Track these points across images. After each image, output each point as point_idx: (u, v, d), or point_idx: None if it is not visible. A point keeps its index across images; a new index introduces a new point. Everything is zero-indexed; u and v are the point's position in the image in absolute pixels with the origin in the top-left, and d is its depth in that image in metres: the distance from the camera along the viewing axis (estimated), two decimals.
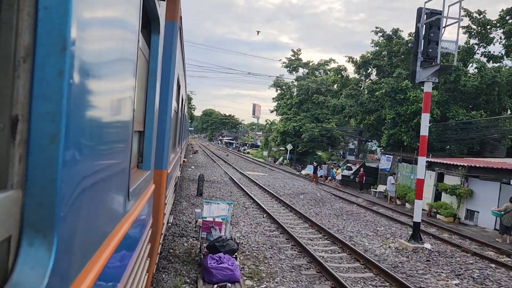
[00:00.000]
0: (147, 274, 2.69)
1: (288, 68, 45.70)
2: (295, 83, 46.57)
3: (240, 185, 17.60)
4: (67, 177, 0.88)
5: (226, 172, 23.94)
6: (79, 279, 1.01)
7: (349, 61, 28.99)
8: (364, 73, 28.62)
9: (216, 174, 22.65)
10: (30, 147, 0.81)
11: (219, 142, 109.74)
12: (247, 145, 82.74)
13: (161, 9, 2.57)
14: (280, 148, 47.99)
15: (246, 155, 60.22)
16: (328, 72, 42.07)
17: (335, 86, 35.95)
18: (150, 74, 2.53)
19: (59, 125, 0.84)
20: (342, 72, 30.76)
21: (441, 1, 9.52)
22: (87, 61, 0.96)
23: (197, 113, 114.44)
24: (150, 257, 2.94)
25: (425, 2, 10.12)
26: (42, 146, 0.82)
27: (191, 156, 41.09)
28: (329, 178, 24.54)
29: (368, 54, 26.74)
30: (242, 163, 37.02)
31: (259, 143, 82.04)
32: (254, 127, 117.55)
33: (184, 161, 21.89)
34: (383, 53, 25.76)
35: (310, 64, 44.25)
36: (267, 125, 73.69)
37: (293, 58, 44.83)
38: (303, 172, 31.23)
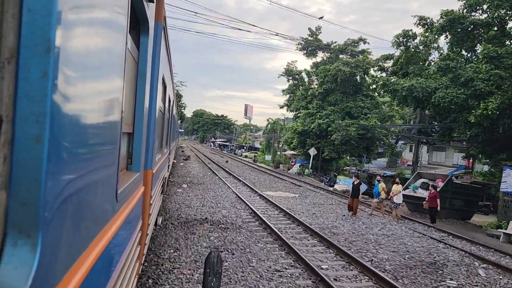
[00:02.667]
0: (135, 277, 2.77)
1: (305, 52, 33.97)
2: (315, 70, 40.36)
3: (291, 245, 9.04)
4: (52, 177, 0.91)
5: (238, 196, 16.43)
6: (65, 280, 1.04)
7: (419, 24, 22.03)
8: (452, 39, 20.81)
9: (223, 202, 14.86)
10: (14, 147, 0.84)
11: (212, 144, 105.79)
12: (245, 147, 78.16)
13: (150, 11, 2.67)
14: (295, 153, 42.68)
15: (246, 159, 55.19)
16: (359, 56, 35.99)
17: (388, 64, 27.35)
18: (139, 75, 2.62)
19: (44, 126, 0.86)
20: (410, 42, 19.41)
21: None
22: (73, 62, 1.01)
23: (188, 114, 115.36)
24: (138, 259, 2.95)
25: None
26: (26, 146, 0.85)
27: (181, 164, 34.57)
28: (378, 200, 15.59)
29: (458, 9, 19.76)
30: (249, 173, 31.08)
31: (256, 145, 78.56)
32: (248, 127, 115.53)
33: (174, 162, 21.16)
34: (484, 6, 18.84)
35: (332, 46, 33.45)
36: (269, 124, 68.17)
37: (310, 38, 34.07)
38: (337, 187, 26.34)
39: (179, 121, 39.87)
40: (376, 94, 33.59)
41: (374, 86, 30.72)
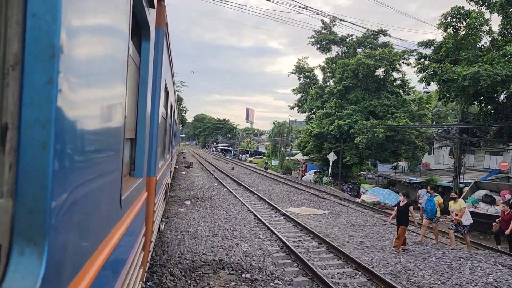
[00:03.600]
0: (140, 283, 2.87)
1: (318, 46, 38.09)
2: (331, 65, 36.76)
3: None
4: (58, 184, 0.94)
5: (256, 217, 13.11)
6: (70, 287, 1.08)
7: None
8: None
9: (240, 228, 11.50)
10: (20, 155, 0.85)
11: (214, 149, 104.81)
12: (249, 152, 75.50)
13: (151, 16, 2.76)
14: (309, 158, 39.29)
15: (252, 165, 52.45)
16: (378, 49, 32.17)
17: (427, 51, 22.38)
18: (141, 81, 2.69)
19: (50, 132, 0.88)
20: (460, 23, 15.20)
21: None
22: (77, 68, 1.04)
23: (189, 118, 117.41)
24: (142, 265, 3.06)
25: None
26: (32, 153, 0.87)
27: (183, 172, 31.28)
28: (435, 221, 11.65)
29: None
30: (260, 182, 28.30)
31: (261, 150, 76.57)
32: (251, 131, 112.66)
33: (176, 167, 21.16)
34: None
35: (348, 39, 29.63)
36: (275, 128, 65.42)
37: (324, 31, 30.32)
38: (365, 198, 22.29)
39: (180, 126, 39.75)
40: (401, 90, 29.86)
41: (410, 77, 27.08)
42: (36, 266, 0.84)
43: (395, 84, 32.05)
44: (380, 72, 31.06)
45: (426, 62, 20.01)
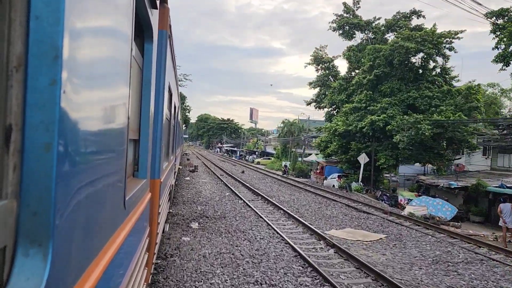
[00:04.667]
0: (144, 284, 2.94)
1: (340, 32, 33.33)
2: (357, 53, 31.97)
3: None
4: (62, 186, 0.96)
5: (295, 251, 9.46)
6: None
7: None
8: None
9: (278, 280, 7.29)
10: (24, 156, 0.87)
11: (218, 149, 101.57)
12: (256, 153, 70.87)
13: (154, 18, 2.82)
14: (329, 160, 34.94)
15: (261, 167, 49.31)
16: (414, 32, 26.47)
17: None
18: (144, 82, 2.72)
19: (53, 134, 0.90)
20: None
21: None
22: (80, 70, 1.07)
23: (192, 119, 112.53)
24: (146, 266, 3.11)
25: None
26: (36, 155, 0.88)
27: (187, 178, 26.54)
28: None
29: None
30: (278, 189, 24.20)
31: (268, 150, 71.74)
32: (258, 131, 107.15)
33: (179, 168, 20.24)
34: None
35: (375, 24, 25.01)
36: (285, 127, 60.46)
37: (345, 15, 25.76)
38: (411, 210, 17.84)
39: (183, 126, 38.28)
40: (442, 80, 25.41)
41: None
42: (40, 268, 0.86)
43: (433, 73, 28.59)
44: (417, 58, 27.78)
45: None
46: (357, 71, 32.21)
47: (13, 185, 0.83)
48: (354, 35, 33.75)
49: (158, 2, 3.08)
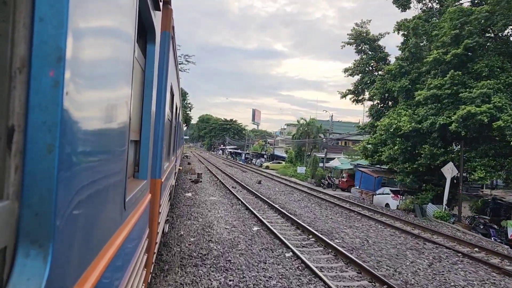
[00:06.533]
0: (143, 285, 2.91)
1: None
2: (423, 24, 23.03)
3: None
4: (63, 187, 0.96)
5: None
6: None
7: None
8: None
9: None
10: (26, 157, 0.87)
11: (221, 151, 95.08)
12: (265, 156, 64.14)
13: (157, 19, 2.83)
14: (374, 168, 27.64)
15: (273, 173, 43.75)
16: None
17: None
18: (146, 83, 2.73)
19: (55, 135, 0.89)
20: None
21: None
22: (83, 71, 1.07)
23: (193, 120, 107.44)
24: (146, 267, 3.13)
25: None
26: (38, 156, 0.88)
27: (188, 195, 18.56)
28: None
29: None
30: (327, 215, 16.80)
31: (276, 153, 64.33)
32: (259, 133, 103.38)
33: (180, 169, 17.56)
34: None
35: None
36: (301, 126, 52.60)
37: None
38: None
39: (184, 127, 35.99)
40: None
41: None
42: (41, 268, 0.86)
43: None
44: None
45: None
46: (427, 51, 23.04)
47: (15, 186, 0.83)
48: (409, 4, 25.35)
49: (161, 4, 3.09)
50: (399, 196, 22.56)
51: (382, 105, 27.56)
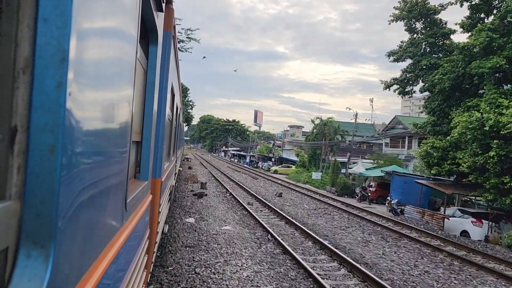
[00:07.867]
0: (143, 286, 2.90)
1: None
2: None
3: None
4: (66, 187, 0.95)
5: None
6: None
7: None
8: None
9: None
10: (28, 157, 0.87)
11: (223, 153, 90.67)
12: (272, 159, 58.38)
13: (159, 20, 2.84)
14: (441, 182, 20.81)
15: (284, 179, 38.16)
16: None
17: None
18: (148, 84, 2.74)
19: (58, 136, 0.89)
20: None
21: None
22: (86, 72, 1.07)
23: (194, 120, 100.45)
24: (146, 268, 3.09)
25: None
26: (41, 156, 0.88)
27: (189, 221, 12.83)
28: None
29: None
30: (384, 252, 11.52)
31: (285, 156, 59.14)
32: (261, 134, 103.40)
33: (180, 170, 17.01)
34: None
35: None
36: (316, 127, 46.90)
37: None
38: None
39: (185, 127, 34.75)
40: None
41: None
42: (42, 269, 0.85)
43: None
44: None
45: None
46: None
47: (17, 186, 0.83)
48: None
49: (163, 5, 3.09)
50: (482, 221, 16.54)
51: (443, 97, 20.72)
